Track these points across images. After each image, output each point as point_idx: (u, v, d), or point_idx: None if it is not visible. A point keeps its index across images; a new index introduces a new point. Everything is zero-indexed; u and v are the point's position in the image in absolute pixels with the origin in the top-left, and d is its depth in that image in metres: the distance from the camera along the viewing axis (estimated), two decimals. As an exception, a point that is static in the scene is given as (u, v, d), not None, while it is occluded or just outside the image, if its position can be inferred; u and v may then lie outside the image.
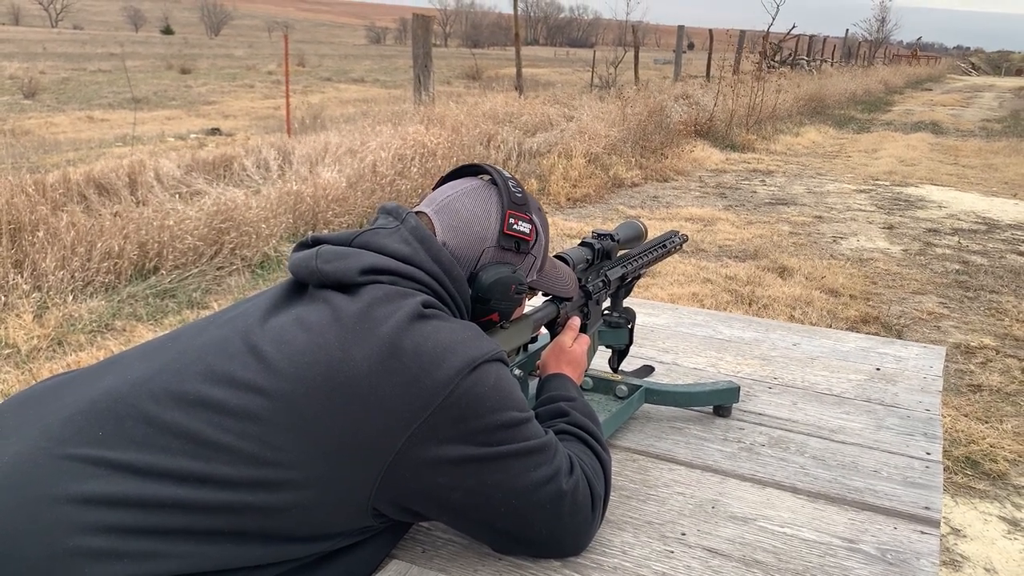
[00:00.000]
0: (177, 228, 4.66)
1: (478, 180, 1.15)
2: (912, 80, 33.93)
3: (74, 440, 0.88)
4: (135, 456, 0.87)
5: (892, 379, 1.74)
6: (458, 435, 0.94)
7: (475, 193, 1.12)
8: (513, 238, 1.11)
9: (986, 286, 5.18)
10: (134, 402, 0.91)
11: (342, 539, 0.97)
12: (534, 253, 1.16)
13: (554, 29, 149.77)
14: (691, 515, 1.20)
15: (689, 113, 11.21)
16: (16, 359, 3.41)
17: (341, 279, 0.99)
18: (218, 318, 1.06)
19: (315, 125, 9.57)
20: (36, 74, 19.66)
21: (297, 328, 0.95)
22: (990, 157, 11.46)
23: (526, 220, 1.12)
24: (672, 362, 1.81)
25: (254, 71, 26.43)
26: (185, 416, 0.90)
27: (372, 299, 0.97)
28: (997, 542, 2.48)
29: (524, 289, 1.13)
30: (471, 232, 1.10)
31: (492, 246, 1.11)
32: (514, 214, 1.11)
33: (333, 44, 69.17)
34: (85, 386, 0.96)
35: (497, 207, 1.11)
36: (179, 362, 0.95)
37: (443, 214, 1.10)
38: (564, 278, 1.29)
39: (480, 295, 1.09)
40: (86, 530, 0.83)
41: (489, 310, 1.11)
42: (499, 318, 1.14)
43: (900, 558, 1.11)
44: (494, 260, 1.11)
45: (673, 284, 4.78)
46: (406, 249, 1.03)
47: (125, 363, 0.99)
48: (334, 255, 1.01)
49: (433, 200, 1.13)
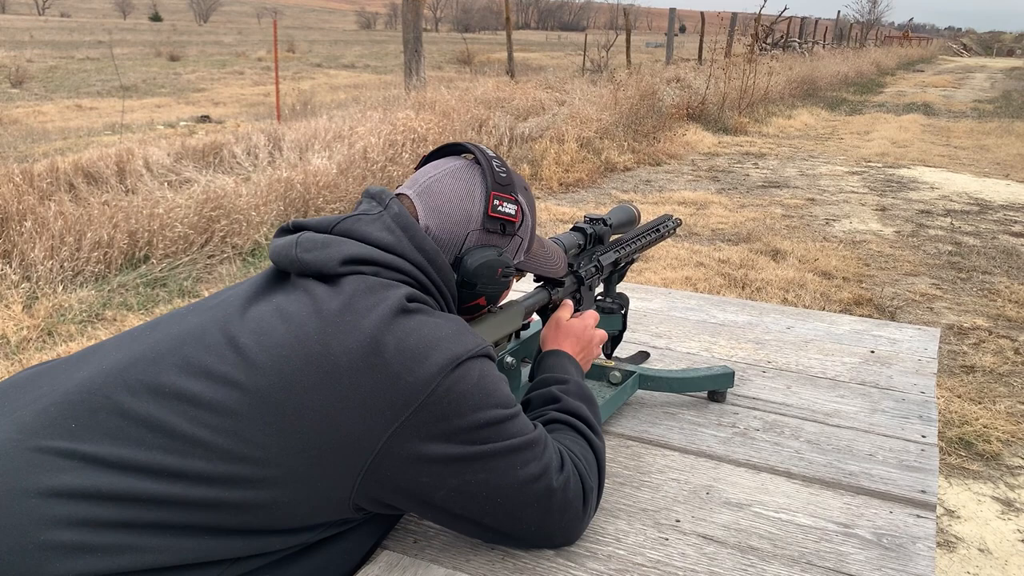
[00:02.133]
0: (167, 217, 4.63)
1: (461, 160, 1.12)
2: (904, 61, 33.88)
3: (46, 432, 0.86)
4: (108, 449, 0.85)
5: (887, 362, 1.73)
6: (441, 433, 0.91)
7: (458, 174, 1.09)
8: (498, 220, 1.08)
9: (979, 267, 5.19)
10: (108, 393, 0.89)
11: (324, 530, 0.95)
12: (520, 234, 1.13)
13: (545, 13, 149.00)
14: (685, 501, 1.19)
15: (681, 96, 11.18)
16: (6, 350, 3.38)
17: (321, 269, 0.96)
18: (199, 306, 1.03)
19: (305, 111, 9.51)
20: (23, 62, 19.50)
21: (277, 319, 0.93)
22: (982, 138, 11.46)
23: (511, 201, 1.09)
24: (666, 347, 1.80)
25: (243, 58, 26.24)
26: (160, 409, 0.87)
27: (354, 291, 0.94)
28: (991, 523, 2.49)
29: (511, 272, 1.10)
30: (454, 215, 1.06)
31: (477, 229, 1.07)
32: (499, 195, 1.08)
33: (323, 30, 68.71)
34: (61, 377, 0.94)
35: (481, 188, 1.08)
36: (155, 352, 0.93)
37: (425, 196, 1.07)
38: (553, 257, 1.26)
39: (466, 279, 1.06)
40: (57, 524, 0.81)
41: (476, 294, 1.08)
42: (486, 302, 1.11)
43: (896, 542, 1.10)
44: (479, 243, 1.08)
45: (666, 268, 4.77)
46: (389, 238, 0.99)
47: (102, 353, 0.97)
48: (313, 244, 0.98)
49: (415, 182, 1.10)
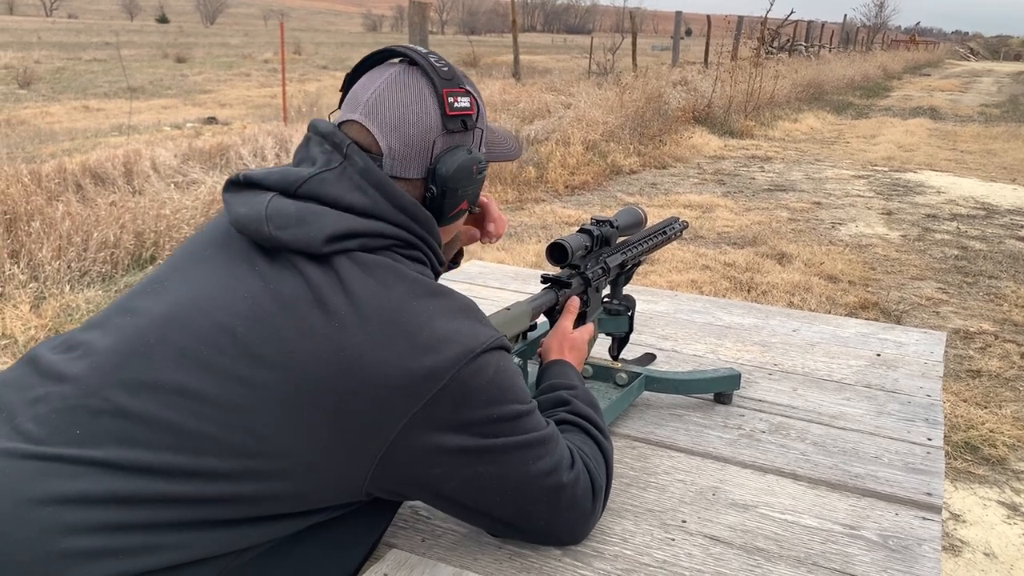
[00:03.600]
0: (173, 218, 4.65)
1: (396, 66, 1.03)
2: (910, 65, 33.85)
3: (51, 440, 0.84)
4: (116, 453, 0.84)
5: (893, 365, 1.73)
6: (455, 425, 0.91)
7: (400, 81, 1.00)
8: (457, 118, 1.01)
9: (985, 271, 5.18)
10: (107, 395, 0.86)
11: (335, 510, 0.94)
12: (479, 125, 1.07)
13: (551, 16, 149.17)
14: (692, 502, 1.19)
15: (687, 100, 11.18)
16: (13, 350, 3.39)
17: (305, 249, 0.91)
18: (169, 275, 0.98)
19: (312, 113, 9.53)
20: (31, 63, 19.57)
21: (274, 305, 0.89)
22: (989, 142, 11.45)
23: (463, 93, 1.02)
24: (672, 349, 1.80)
25: (250, 60, 26.30)
26: (162, 407, 0.85)
27: (351, 276, 0.91)
28: (996, 527, 2.49)
29: (484, 166, 1.06)
30: (414, 126, 0.99)
31: (440, 134, 1.00)
32: (450, 91, 1.00)
33: (329, 32, 68.85)
34: (51, 376, 0.91)
35: (429, 89, 1.00)
36: (143, 343, 0.89)
37: (376, 116, 0.99)
38: (507, 138, 1.19)
39: (446, 188, 1.01)
40: (75, 530, 0.80)
41: (457, 200, 1.03)
42: (468, 205, 1.06)
43: (902, 544, 1.10)
44: (446, 147, 1.01)
45: (672, 271, 4.77)
46: (363, 199, 0.94)
47: (88, 345, 0.93)
48: (287, 219, 0.91)
49: (358, 102, 1.01)
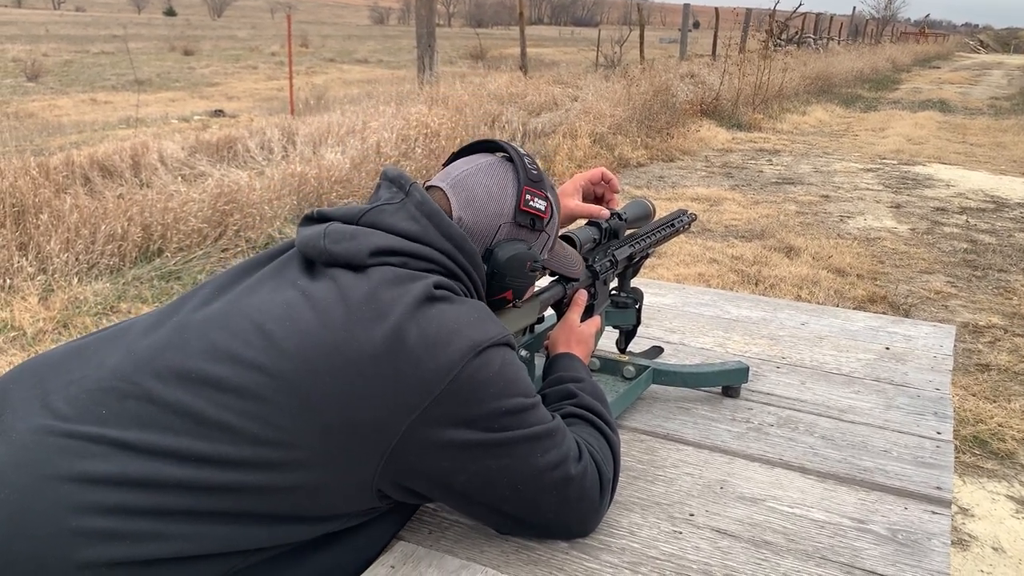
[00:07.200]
0: (181, 210, 4.65)
1: (494, 156, 1.14)
2: (920, 58, 33.62)
3: (78, 418, 0.88)
4: (137, 435, 0.87)
5: (902, 358, 1.72)
6: (462, 420, 0.93)
7: (491, 169, 1.11)
8: (529, 215, 1.10)
9: (994, 265, 5.15)
10: (138, 380, 0.91)
11: (347, 520, 0.96)
12: (548, 231, 1.15)
13: (558, 8, 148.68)
14: (699, 495, 1.19)
15: (695, 92, 11.14)
16: (22, 341, 3.41)
17: (350, 260, 0.98)
18: (219, 286, 1.04)
19: (319, 106, 9.54)
20: (39, 56, 19.58)
21: (304, 305, 0.95)
22: (998, 135, 11.37)
23: (542, 197, 1.11)
24: (679, 342, 1.80)
25: (257, 52, 26.29)
26: (187, 394, 0.89)
27: (380, 281, 0.96)
28: (1005, 521, 2.48)
29: (539, 267, 1.12)
30: (488, 208, 1.08)
31: (508, 222, 1.09)
32: (530, 190, 1.09)
33: (336, 25, 68.80)
34: (92, 362, 0.96)
35: (514, 183, 1.10)
36: (182, 338, 0.95)
37: (459, 189, 1.09)
38: (572, 259, 1.28)
39: (496, 271, 1.08)
40: (88, 510, 0.83)
41: (504, 287, 1.10)
42: (512, 296, 1.13)
43: (911, 538, 1.10)
44: (509, 236, 1.10)
45: (679, 264, 4.76)
46: (415, 227, 1.01)
47: (130, 337, 0.98)
48: (342, 235, 0.99)
49: (448, 175, 1.11)
